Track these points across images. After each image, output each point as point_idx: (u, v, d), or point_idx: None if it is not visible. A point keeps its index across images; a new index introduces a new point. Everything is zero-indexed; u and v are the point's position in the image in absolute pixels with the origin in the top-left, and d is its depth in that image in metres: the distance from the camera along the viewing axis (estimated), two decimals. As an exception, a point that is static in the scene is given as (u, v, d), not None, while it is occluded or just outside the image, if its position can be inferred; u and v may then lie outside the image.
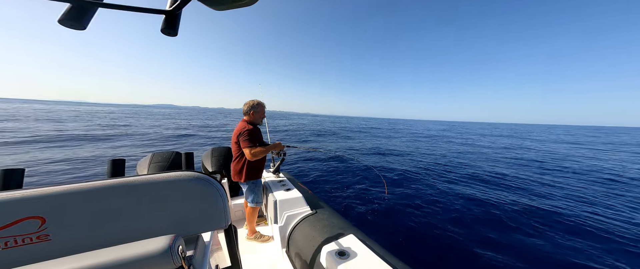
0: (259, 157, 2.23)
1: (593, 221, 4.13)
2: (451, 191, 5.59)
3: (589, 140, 25.69)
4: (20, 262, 0.62)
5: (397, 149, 12.65)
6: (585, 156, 12.56)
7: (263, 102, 2.42)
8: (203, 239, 1.09)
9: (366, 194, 5.25)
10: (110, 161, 1.25)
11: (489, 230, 3.75)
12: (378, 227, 3.86)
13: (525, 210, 4.54)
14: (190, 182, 0.84)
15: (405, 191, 5.59)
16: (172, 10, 0.62)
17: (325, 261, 1.36)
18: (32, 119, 19.80)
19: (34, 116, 23.39)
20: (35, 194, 0.67)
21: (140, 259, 0.63)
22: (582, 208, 4.79)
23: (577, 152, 14.62)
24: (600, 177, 7.63)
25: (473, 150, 13.74)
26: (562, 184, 6.59)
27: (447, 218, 4.15)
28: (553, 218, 4.21)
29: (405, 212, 4.38)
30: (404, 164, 8.82)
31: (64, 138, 11.18)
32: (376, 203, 4.71)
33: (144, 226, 0.79)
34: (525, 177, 7.26)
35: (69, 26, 0.55)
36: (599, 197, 5.56)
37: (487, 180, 6.80)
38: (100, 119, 25.44)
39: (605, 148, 17.57)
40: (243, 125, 2.28)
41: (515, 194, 5.54)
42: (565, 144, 19.65)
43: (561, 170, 8.62)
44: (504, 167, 8.71)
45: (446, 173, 7.51)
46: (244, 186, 2.37)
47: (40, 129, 13.94)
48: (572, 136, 34.91)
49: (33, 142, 9.62)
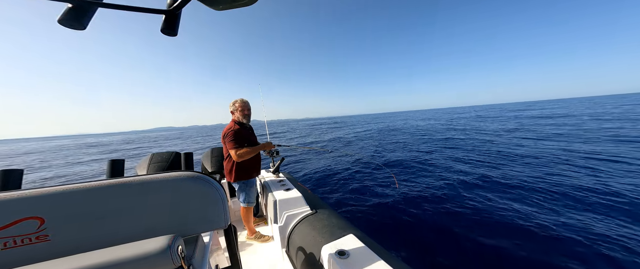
0: (246, 157, 2.23)
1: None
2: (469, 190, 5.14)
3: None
4: (19, 262, 0.62)
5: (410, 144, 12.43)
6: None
7: (246, 99, 2.40)
8: (203, 240, 1.09)
9: (372, 189, 5.16)
10: (109, 161, 1.25)
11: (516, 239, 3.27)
12: (388, 222, 3.80)
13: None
14: (189, 182, 0.84)
15: (415, 185, 5.49)
16: (171, 10, 0.62)
17: (325, 261, 1.36)
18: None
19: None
20: (34, 194, 0.67)
21: (139, 259, 0.63)
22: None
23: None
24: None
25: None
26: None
27: (472, 218, 3.89)
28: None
29: (416, 205, 4.28)
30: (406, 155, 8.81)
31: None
32: (386, 196, 4.59)
33: (144, 226, 0.79)
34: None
35: (69, 26, 0.55)
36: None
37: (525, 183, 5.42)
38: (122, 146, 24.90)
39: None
40: (229, 125, 2.30)
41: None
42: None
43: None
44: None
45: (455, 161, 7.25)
46: (235, 186, 2.39)
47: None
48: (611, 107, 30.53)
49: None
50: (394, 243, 3.37)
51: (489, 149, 9.40)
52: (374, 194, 5.10)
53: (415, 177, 6.29)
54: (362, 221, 3.98)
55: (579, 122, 16.76)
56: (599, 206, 4.06)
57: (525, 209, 4.08)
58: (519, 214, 3.88)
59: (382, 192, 5.19)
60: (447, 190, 5.14)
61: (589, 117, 20.00)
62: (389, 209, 4.37)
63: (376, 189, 5.42)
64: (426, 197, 4.76)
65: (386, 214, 4.19)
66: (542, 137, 11.23)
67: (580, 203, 4.22)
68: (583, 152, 7.61)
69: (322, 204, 2.21)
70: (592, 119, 18.28)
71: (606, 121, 16.78)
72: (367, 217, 4.12)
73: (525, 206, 4.17)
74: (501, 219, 3.82)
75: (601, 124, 15.13)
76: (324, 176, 6.58)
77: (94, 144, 38.64)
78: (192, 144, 26.32)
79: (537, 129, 14.52)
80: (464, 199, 4.69)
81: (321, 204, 2.21)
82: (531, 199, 4.46)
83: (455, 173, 6.41)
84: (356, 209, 4.35)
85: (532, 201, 4.38)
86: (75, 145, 40.95)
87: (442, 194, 4.95)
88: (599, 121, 17.07)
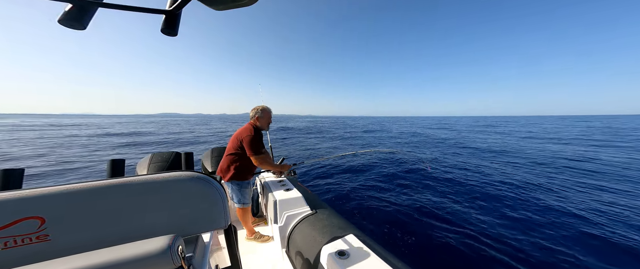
0: (264, 166, 2.31)
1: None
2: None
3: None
4: (19, 262, 0.62)
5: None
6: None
7: (268, 106, 2.43)
8: (203, 240, 1.09)
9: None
10: (109, 161, 1.25)
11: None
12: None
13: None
14: (189, 182, 0.84)
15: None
16: (172, 10, 0.62)
17: (325, 261, 1.36)
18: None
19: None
20: (34, 194, 0.67)
21: (139, 259, 0.63)
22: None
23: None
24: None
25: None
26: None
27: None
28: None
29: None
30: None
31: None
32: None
33: (144, 226, 0.79)
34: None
35: (69, 26, 0.55)
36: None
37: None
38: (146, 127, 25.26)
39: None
40: (249, 129, 2.29)
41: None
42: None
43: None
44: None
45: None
46: (227, 186, 2.34)
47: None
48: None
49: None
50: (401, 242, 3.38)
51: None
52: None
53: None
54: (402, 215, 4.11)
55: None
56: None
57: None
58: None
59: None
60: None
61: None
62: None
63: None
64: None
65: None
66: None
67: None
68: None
69: (322, 204, 2.21)
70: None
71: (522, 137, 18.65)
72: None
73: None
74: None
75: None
76: (341, 184, 6.35)
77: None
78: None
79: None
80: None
81: (321, 204, 2.21)
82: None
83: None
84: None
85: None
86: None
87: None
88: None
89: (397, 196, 5.22)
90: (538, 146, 13.83)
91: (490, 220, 4.05)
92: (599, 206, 4.57)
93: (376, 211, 4.45)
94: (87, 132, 22.61)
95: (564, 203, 4.72)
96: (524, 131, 25.19)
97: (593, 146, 13.60)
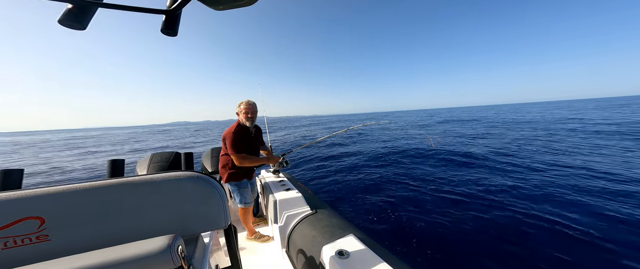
0: (246, 164, 2.25)
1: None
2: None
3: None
4: (19, 262, 0.62)
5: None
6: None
7: (252, 101, 2.36)
8: (203, 239, 1.09)
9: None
10: (109, 161, 1.25)
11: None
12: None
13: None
14: (189, 182, 0.84)
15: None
16: (172, 10, 0.62)
17: (325, 261, 1.36)
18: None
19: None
20: (34, 194, 0.67)
21: (139, 259, 0.63)
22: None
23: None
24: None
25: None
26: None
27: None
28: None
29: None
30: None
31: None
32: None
33: (144, 226, 0.79)
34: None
35: (69, 26, 0.55)
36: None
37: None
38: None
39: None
40: (231, 128, 2.27)
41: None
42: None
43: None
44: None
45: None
46: (227, 187, 2.40)
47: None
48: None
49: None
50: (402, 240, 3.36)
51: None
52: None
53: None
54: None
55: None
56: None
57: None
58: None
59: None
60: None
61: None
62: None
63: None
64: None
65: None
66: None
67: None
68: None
69: (322, 205, 2.21)
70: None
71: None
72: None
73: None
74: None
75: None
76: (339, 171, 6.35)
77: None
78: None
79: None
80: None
81: (321, 205, 2.21)
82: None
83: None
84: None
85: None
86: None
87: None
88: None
89: (396, 194, 5.22)
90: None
91: (506, 223, 3.72)
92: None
93: (376, 210, 4.44)
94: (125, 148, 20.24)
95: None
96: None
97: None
